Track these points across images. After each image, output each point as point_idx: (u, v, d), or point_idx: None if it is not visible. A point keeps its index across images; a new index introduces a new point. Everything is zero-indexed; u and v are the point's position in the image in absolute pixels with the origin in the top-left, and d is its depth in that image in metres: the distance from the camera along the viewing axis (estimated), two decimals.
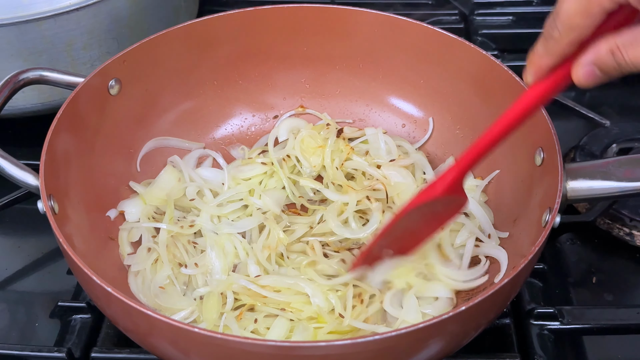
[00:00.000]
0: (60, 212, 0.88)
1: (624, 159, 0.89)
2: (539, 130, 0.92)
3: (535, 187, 0.93)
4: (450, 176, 0.83)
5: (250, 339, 0.73)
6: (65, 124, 0.93)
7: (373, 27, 1.11)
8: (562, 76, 0.72)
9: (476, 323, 0.80)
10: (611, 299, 1.00)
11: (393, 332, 0.70)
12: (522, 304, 0.96)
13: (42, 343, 0.94)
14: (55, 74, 0.99)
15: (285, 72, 1.18)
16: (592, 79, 0.69)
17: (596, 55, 0.68)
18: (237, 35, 1.12)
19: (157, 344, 0.79)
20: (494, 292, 0.74)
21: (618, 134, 1.16)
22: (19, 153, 0.98)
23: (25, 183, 0.88)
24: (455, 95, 1.10)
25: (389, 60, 1.14)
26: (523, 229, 0.94)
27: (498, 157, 1.04)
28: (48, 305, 0.97)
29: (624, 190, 0.86)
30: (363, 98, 1.18)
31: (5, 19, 1.05)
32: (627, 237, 1.05)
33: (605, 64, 0.68)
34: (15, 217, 1.10)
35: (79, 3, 1.08)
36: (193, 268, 0.95)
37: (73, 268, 0.81)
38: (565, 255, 1.06)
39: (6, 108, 0.95)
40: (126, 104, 1.05)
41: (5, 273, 1.04)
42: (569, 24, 0.66)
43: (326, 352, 0.71)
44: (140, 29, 1.17)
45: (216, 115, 1.17)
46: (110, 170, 1.04)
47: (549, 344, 0.92)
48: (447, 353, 0.82)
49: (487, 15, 1.49)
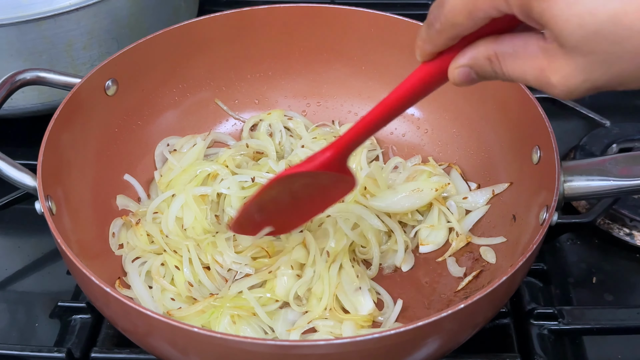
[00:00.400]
0: (58, 212, 0.88)
1: (621, 157, 0.89)
2: (536, 128, 0.92)
3: (533, 186, 0.93)
4: (329, 152, 0.80)
5: (250, 339, 0.72)
6: (63, 124, 0.94)
7: (370, 26, 1.11)
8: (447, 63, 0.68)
9: (474, 321, 0.80)
10: (611, 299, 1.00)
11: (392, 331, 0.70)
12: (522, 304, 0.96)
13: (42, 343, 0.94)
14: (52, 75, 0.99)
15: (282, 72, 1.18)
16: (467, 81, 0.67)
17: (473, 58, 0.65)
18: (233, 35, 1.12)
19: (156, 344, 0.79)
20: (491, 290, 0.74)
21: (618, 134, 1.16)
22: (19, 153, 0.99)
23: (22, 184, 0.88)
24: (452, 94, 1.09)
25: (385, 60, 1.14)
26: (521, 227, 0.94)
27: (495, 155, 1.05)
28: (48, 305, 0.97)
29: (621, 187, 0.86)
30: (360, 97, 1.18)
31: (5, 19, 1.05)
32: (627, 237, 1.05)
33: (482, 69, 0.65)
34: (15, 217, 1.10)
35: (79, 3, 1.08)
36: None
37: (71, 268, 0.81)
38: (565, 255, 1.06)
39: (6, 108, 0.96)
40: (123, 104, 1.06)
41: (5, 273, 1.05)
42: (451, 20, 0.63)
43: (325, 352, 0.71)
44: (140, 29, 1.17)
45: (213, 116, 1.17)
46: (108, 170, 1.04)
47: (549, 344, 0.92)
48: (445, 351, 0.82)
49: None
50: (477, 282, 0.97)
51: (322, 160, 0.81)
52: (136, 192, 1.07)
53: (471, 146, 1.09)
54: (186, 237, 1.00)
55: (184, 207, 1.02)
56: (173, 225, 1.00)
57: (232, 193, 1.03)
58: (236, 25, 1.12)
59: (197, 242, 0.98)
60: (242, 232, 0.95)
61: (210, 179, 1.06)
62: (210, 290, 0.95)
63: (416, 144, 1.15)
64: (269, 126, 1.16)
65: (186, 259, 0.96)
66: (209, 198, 1.04)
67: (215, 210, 1.04)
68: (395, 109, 0.73)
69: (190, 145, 1.12)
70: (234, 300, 0.90)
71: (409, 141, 1.16)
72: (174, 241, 0.98)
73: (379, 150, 1.14)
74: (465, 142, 1.10)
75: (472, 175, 1.08)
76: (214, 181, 1.05)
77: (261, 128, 1.16)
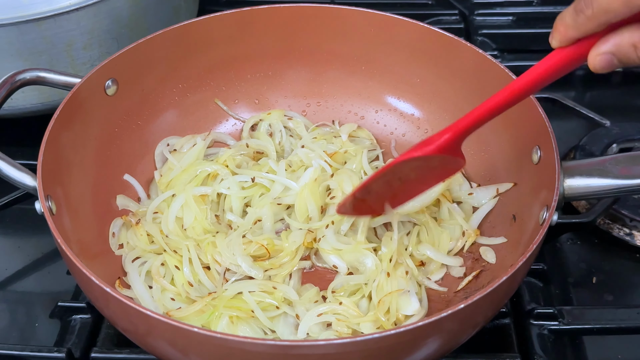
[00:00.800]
0: (58, 212, 0.88)
1: (621, 157, 0.89)
2: (536, 128, 0.92)
3: (533, 186, 0.93)
4: (447, 135, 0.81)
5: (250, 339, 0.72)
6: (63, 124, 0.94)
7: (370, 26, 1.11)
8: (585, 49, 0.70)
9: (474, 321, 0.80)
10: (611, 299, 1.00)
11: (392, 331, 0.70)
12: (522, 304, 0.96)
13: (42, 343, 0.94)
14: (52, 75, 0.99)
15: (282, 72, 1.18)
16: (608, 67, 0.68)
17: (617, 45, 0.67)
18: (233, 35, 1.12)
19: (156, 344, 0.79)
20: (492, 290, 0.74)
21: (618, 134, 1.16)
22: (19, 153, 0.99)
23: (22, 184, 0.88)
24: (452, 94, 1.10)
25: (385, 60, 1.14)
26: (521, 227, 0.94)
27: (495, 155, 1.05)
28: (48, 305, 0.97)
29: (621, 187, 0.86)
30: (360, 97, 1.18)
31: (5, 19, 1.05)
32: (627, 237, 1.05)
33: (625, 56, 0.67)
34: (15, 217, 1.10)
35: (79, 3, 1.08)
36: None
37: (71, 268, 0.81)
38: (565, 255, 1.06)
39: (6, 108, 0.95)
40: (123, 104, 1.06)
41: (5, 273, 1.05)
42: (606, 7, 0.65)
43: (325, 351, 0.71)
44: (140, 29, 1.17)
45: (213, 116, 1.17)
46: (109, 170, 1.04)
47: (549, 344, 0.92)
48: (446, 351, 0.82)
49: (487, 15, 1.49)
50: (477, 282, 0.97)
51: (440, 144, 0.81)
52: (136, 192, 1.07)
53: (471, 146, 1.09)
54: (186, 237, 1.00)
55: (184, 207, 1.02)
56: (173, 225, 1.00)
57: (232, 193, 1.03)
58: (236, 25, 1.12)
59: (197, 242, 0.98)
60: (345, 213, 0.96)
61: (210, 179, 1.06)
62: (210, 290, 0.95)
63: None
64: (269, 126, 1.16)
65: (186, 258, 0.96)
66: (209, 198, 1.04)
67: (215, 210, 1.04)
68: (521, 94, 0.75)
69: (190, 145, 1.12)
70: (232, 301, 0.90)
71: (409, 141, 1.16)
72: (174, 241, 0.98)
73: (379, 150, 1.14)
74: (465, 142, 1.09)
75: (472, 175, 1.08)
76: (214, 181, 1.05)
77: (261, 128, 1.16)
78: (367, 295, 0.94)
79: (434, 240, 1.00)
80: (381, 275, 0.93)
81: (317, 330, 0.90)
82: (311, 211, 1.02)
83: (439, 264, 0.99)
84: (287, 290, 0.93)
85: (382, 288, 0.92)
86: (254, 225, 1.02)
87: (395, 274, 0.94)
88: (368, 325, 0.89)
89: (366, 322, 0.89)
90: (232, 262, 0.96)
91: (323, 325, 0.91)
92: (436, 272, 0.99)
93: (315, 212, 1.02)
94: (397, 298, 0.91)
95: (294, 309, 0.92)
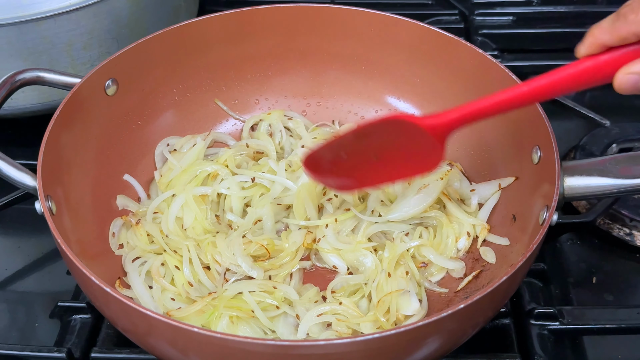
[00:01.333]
0: (58, 212, 0.88)
1: (621, 157, 0.89)
2: (536, 128, 0.92)
3: (533, 186, 0.93)
4: (441, 116, 0.79)
5: (250, 339, 0.72)
6: (63, 124, 0.94)
7: (370, 26, 1.11)
8: (611, 65, 0.68)
9: (474, 321, 0.80)
10: (611, 299, 1.00)
11: (392, 331, 0.70)
12: (522, 304, 0.96)
13: (42, 343, 0.94)
14: (52, 75, 0.99)
15: (282, 72, 1.18)
16: (633, 88, 0.66)
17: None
18: (233, 35, 1.12)
19: (156, 344, 0.79)
20: (492, 290, 0.74)
21: (618, 134, 1.16)
22: (19, 153, 0.99)
23: (22, 184, 0.88)
24: (451, 94, 1.10)
25: (385, 60, 1.14)
26: (521, 227, 0.94)
27: (495, 155, 1.05)
28: (48, 305, 0.98)
29: (621, 187, 0.86)
30: (360, 97, 1.18)
31: (5, 19, 1.05)
32: (627, 237, 1.05)
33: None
34: (15, 217, 1.10)
35: (79, 3, 1.08)
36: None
37: (71, 268, 0.81)
38: (565, 255, 1.06)
39: (6, 108, 0.95)
40: (123, 104, 1.06)
41: (5, 273, 1.05)
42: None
43: (325, 351, 0.71)
44: (140, 29, 1.17)
45: (213, 116, 1.17)
46: (109, 170, 1.04)
47: (549, 344, 0.92)
48: (446, 351, 0.82)
49: (487, 15, 1.49)
50: (477, 282, 0.97)
51: (430, 121, 0.79)
52: (136, 192, 1.07)
53: (471, 146, 1.09)
54: (186, 237, 1.00)
55: (184, 207, 1.02)
56: (173, 225, 1.00)
57: (232, 193, 1.03)
58: (236, 25, 1.12)
59: (197, 242, 0.98)
60: (312, 170, 0.92)
61: (210, 179, 1.06)
62: (210, 290, 0.95)
63: None
64: (269, 126, 1.16)
65: (186, 259, 0.96)
66: (209, 198, 1.04)
67: (215, 210, 1.04)
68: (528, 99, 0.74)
69: (190, 145, 1.12)
70: (232, 301, 0.90)
71: None
72: (174, 241, 0.98)
73: None
74: (465, 142, 1.10)
75: (472, 175, 1.08)
76: (214, 181, 1.05)
77: (261, 128, 1.16)
78: (367, 295, 0.94)
79: (439, 242, 1.00)
80: (381, 275, 0.93)
81: (317, 330, 0.90)
82: (309, 211, 1.02)
83: (440, 266, 0.99)
84: (287, 290, 0.93)
85: (382, 288, 0.92)
86: (254, 225, 1.02)
87: (395, 274, 0.94)
88: (368, 325, 0.89)
89: (366, 322, 0.89)
90: (232, 262, 0.96)
91: (323, 325, 0.91)
92: (436, 274, 0.99)
93: (313, 211, 1.02)
94: (397, 298, 0.91)
95: (294, 309, 0.92)
